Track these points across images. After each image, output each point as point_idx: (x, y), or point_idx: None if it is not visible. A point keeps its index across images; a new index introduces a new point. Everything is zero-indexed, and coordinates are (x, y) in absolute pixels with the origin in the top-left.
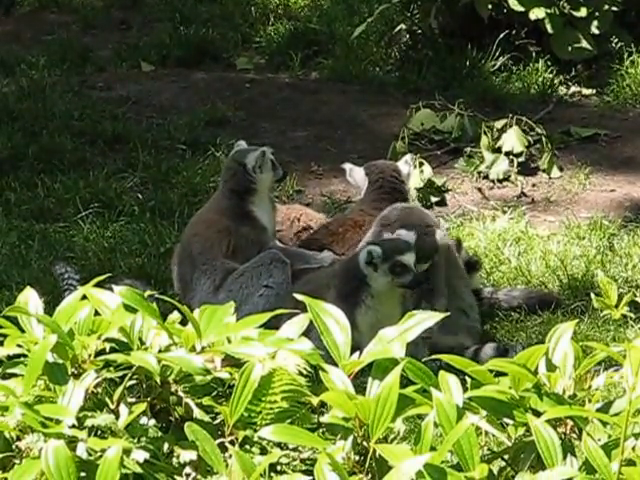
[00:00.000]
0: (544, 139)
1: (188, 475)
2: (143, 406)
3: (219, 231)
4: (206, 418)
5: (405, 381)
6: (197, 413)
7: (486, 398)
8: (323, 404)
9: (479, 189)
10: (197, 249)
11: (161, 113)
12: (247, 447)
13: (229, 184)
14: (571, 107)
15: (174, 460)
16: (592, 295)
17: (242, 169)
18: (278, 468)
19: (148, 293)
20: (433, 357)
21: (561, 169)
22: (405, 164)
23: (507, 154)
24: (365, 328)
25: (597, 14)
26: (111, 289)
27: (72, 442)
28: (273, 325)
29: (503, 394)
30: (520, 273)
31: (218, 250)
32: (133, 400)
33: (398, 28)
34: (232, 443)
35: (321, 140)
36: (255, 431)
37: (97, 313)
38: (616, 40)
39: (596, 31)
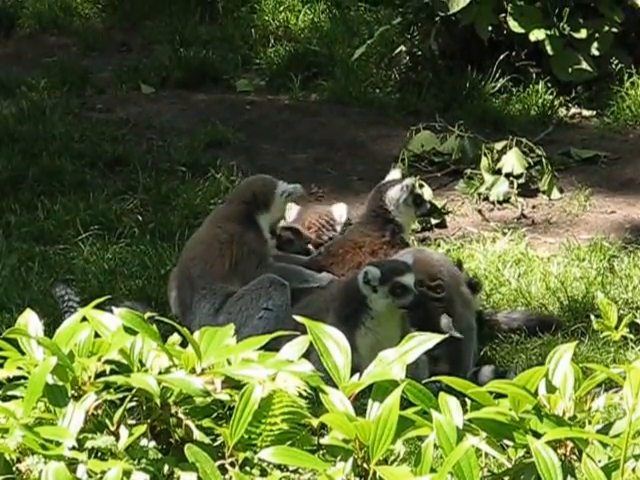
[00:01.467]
0: (544, 161)
1: None
2: (143, 428)
3: (221, 244)
4: (206, 440)
5: (405, 403)
6: (197, 435)
7: (486, 420)
8: (323, 426)
9: (479, 211)
10: (196, 272)
11: (161, 135)
12: (247, 469)
13: (252, 188)
14: (571, 129)
15: None
16: (592, 317)
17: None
18: None
19: (148, 315)
20: (433, 379)
21: (561, 191)
22: (400, 191)
23: (507, 176)
24: (365, 350)
25: (597, 35)
26: (111, 311)
27: (72, 464)
28: (273, 347)
29: (503, 416)
30: (520, 295)
31: (219, 269)
32: (133, 422)
33: (398, 50)
34: (232, 465)
35: (321, 162)
36: (255, 453)
37: (97, 335)
38: (616, 61)
39: (596, 52)
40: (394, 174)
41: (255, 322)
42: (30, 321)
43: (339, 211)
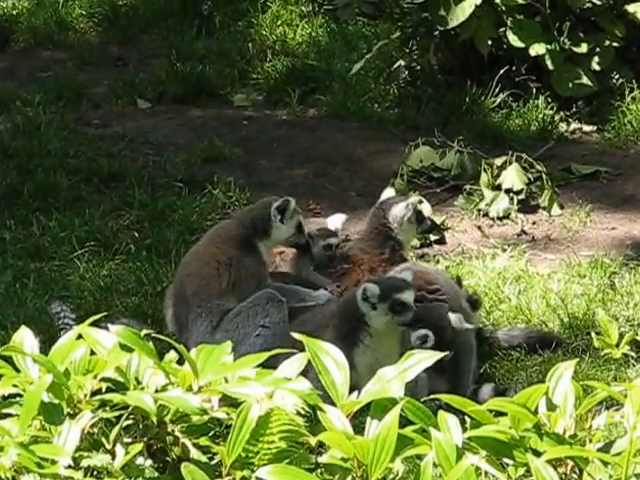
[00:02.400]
0: (544, 176)
1: None
2: (139, 446)
3: (218, 265)
4: (203, 458)
5: (404, 421)
6: (194, 453)
7: (486, 438)
8: (321, 444)
9: (479, 227)
10: (192, 289)
11: (157, 150)
12: None
13: (252, 214)
14: (572, 144)
15: None
16: (593, 334)
17: (267, 214)
18: None
19: (144, 332)
20: (432, 397)
21: (562, 207)
22: (405, 209)
23: (507, 192)
24: (363, 368)
25: (598, 50)
26: (107, 328)
27: None
28: (270, 365)
29: (503, 434)
30: (520, 312)
31: (215, 287)
32: (129, 440)
33: (397, 64)
34: None
35: (319, 177)
36: (253, 471)
37: (93, 352)
38: (617, 76)
39: (597, 67)
40: (388, 192)
41: (252, 339)
42: (25, 338)
43: (335, 222)
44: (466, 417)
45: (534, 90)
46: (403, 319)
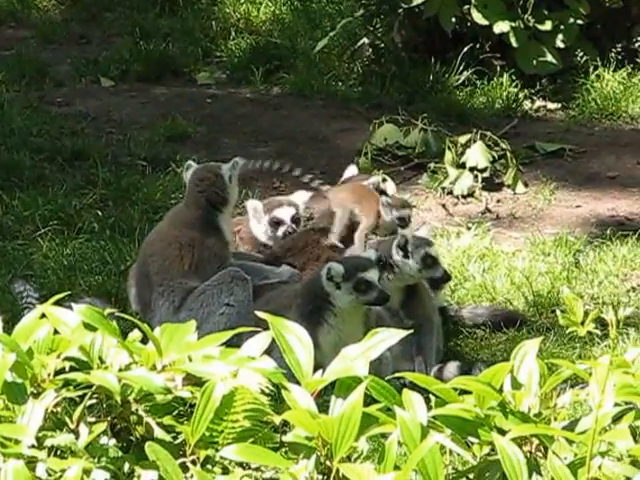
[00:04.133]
0: (509, 154)
1: None
2: (103, 425)
3: (181, 246)
4: (167, 437)
5: (369, 400)
6: (158, 432)
7: (451, 416)
8: (286, 423)
9: (443, 205)
10: (154, 269)
11: (121, 129)
12: (209, 467)
13: (205, 194)
14: (536, 122)
15: None
16: (558, 312)
17: (220, 179)
18: None
19: (108, 311)
20: (397, 375)
21: (526, 185)
22: None
23: (471, 170)
24: (328, 347)
25: (562, 27)
26: (71, 307)
27: (31, 462)
28: (235, 343)
29: (468, 412)
30: (485, 290)
31: (177, 268)
32: (93, 419)
33: (361, 42)
34: (194, 463)
35: (283, 156)
36: (217, 450)
37: (56, 332)
38: (581, 54)
39: (561, 45)
40: (351, 170)
41: (216, 318)
42: None
43: (299, 199)
44: (431, 395)
45: (498, 68)
46: (367, 298)
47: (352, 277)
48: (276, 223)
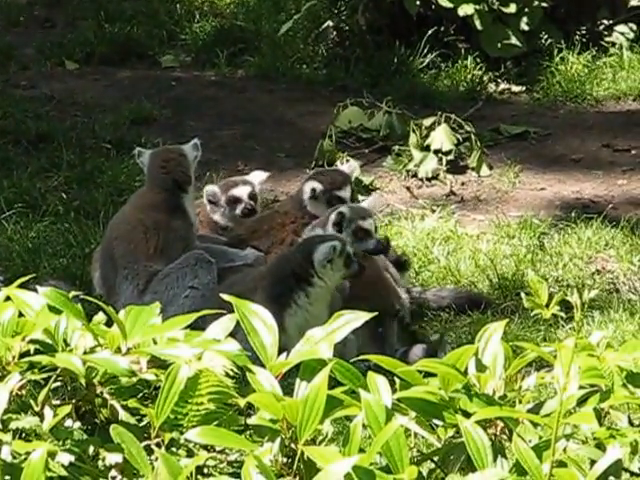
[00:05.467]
0: (473, 137)
1: (114, 478)
2: (68, 408)
3: (146, 229)
4: (132, 420)
5: (333, 382)
6: (123, 415)
7: (415, 399)
8: (250, 406)
9: (407, 188)
10: (119, 252)
11: (86, 112)
12: (173, 449)
13: (172, 175)
14: (500, 104)
15: (100, 463)
16: (522, 295)
17: (185, 160)
18: (205, 471)
19: (73, 294)
20: (361, 357)
21: (490, 167)
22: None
23: (436, 152)
24: (293, 329)
25: (527, 10)
26: (35, 290)
27: None
28: (199, 326)
29: (432, 395)
30: (449, 273)
31: (142, 251)
32: (58, 402)
33: (325, 25)
34: (158, 445)
35: (248, 138)
36: (181, 433)
37: (21, 314)
38: (546, 36)
39: (526, 27)
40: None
41: (181, 301)
42: None
43: (256, 178)
44: (395, 378)
45: (463, 50)
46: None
47: (344, 252)
48: (233, 202)
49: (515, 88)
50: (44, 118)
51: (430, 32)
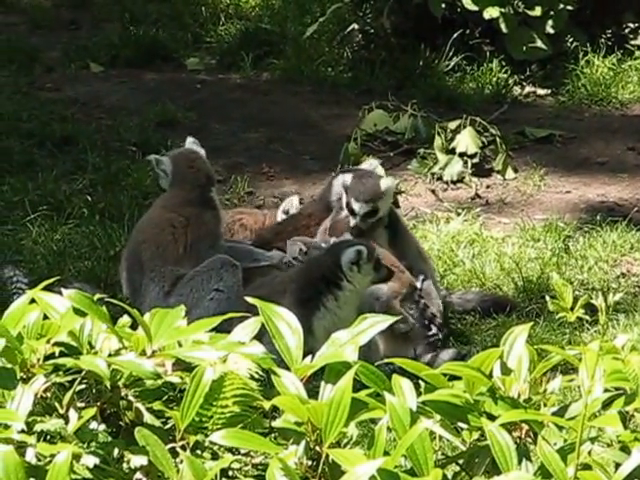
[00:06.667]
0: (498, 140)
1: None
2: (93, 411)
3: (174, 229)
4: (157, 423)
5: (358, 385)
6: (147, 418)
7: (440, 402)
8: (275, 408)
9: (432, 191)
10: (147, 255)
11: (110, 114)
12: (198, 452)
13: (202, 172)
14: (526, 107)
15: (124, 465)
16: (547, 298)
17: (204, 157)
18: (230, 473)
19: (97, 296)
20: (386, 360)
21: (516, 170)
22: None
23: (461, 155)
24: (321, 332)
25: (552, 13)
26: (60, 293)
27: (21, 447)
28: (224, 329)
29: (457, 398)
30: (474, 276)
31: (172, 253)
32: (83, 405)
33: (350, 28)
34: (183, 448)
35: (272, 141)
36: (206, 436)
37: (46, 317)
38: (571, 39)
39: (551, 30)
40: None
41: (206, 303)
42: None
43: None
44: (420, 381)
45: (488, 53)
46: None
47: (372, 258)
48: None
49: (540, 91)
50: (69, 120)
51: (455, 35)
